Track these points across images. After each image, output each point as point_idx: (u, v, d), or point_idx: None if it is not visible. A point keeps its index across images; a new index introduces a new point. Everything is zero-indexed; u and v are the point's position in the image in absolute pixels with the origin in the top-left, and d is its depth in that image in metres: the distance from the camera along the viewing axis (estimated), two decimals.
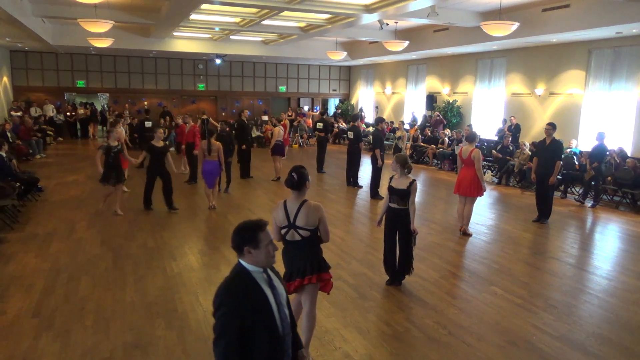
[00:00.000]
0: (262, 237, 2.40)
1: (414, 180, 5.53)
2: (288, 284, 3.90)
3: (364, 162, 12.87)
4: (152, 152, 9.02)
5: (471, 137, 8.01)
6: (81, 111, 21.38)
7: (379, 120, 11.28)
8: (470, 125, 12.12)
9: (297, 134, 20.80)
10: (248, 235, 2.39)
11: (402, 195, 5.51)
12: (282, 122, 14.83)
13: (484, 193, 8.08)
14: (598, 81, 13.30)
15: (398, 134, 12.99)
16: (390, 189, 5.60)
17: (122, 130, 13.23)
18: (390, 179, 5.69)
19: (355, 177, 12.04)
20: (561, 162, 8.94)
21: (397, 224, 5.64)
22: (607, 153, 11.60)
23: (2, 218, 7.89)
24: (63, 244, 7.18)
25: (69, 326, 4.66)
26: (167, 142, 18.18)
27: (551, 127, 8.68)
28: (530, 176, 9.66)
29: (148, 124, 14.48)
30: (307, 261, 3.91)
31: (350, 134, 11.99)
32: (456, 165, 14.83)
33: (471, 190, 7.87)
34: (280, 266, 4.16)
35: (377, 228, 5.92)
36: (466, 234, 8.02)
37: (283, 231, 3.90)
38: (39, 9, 12.96)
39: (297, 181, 3.86)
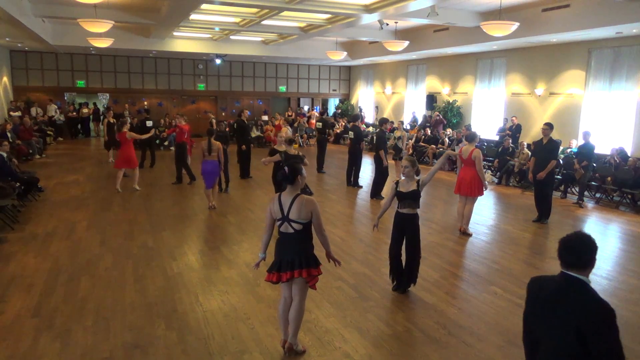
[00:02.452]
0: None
1: (419, 180, 5.43)
2: (276, 273, 4.05)
3: (365, 162, 12.88)
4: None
5: (471, 137, 8.01)
6: (85, 110, 21.64)
7: (383, 121, 11.06)
8: (469, 126, 12.11)
9: (297, 134, 20.80)
10: (595, 249, 2.42)
11: (415, 197, 5.33)
12: (276, 123, 14.82)
13: (485, 192, 8.08)
14: (598, 81, 13.30)
15: (397, 134, 12.96)
16: (400, 195, 5.36)
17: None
18: (396, 184, 5.45)
19: (356, 177, 12.03)
20: (556, 161, 8.88)
21: (406, 228, 5.44)
22: (609, 154, 11.64)
23: (2, 218, 7.89)
24: (63, 244, 7.18)
25: (69, 326, 4.66)
26: (165, 143, 18.19)
27: (548, 127, 8.66)
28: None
29: (149, 123, 14.49)
30: (297, 255, 4.00)
31: (351, 134, 12.00)
32: (456, 165, 14.93)
33: (471, 190, 7.88)
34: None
35: (377, 228, 5.77)
36: (466, 234, 8.02)
37: (278, 223, 4.06)
38: (38, 9, 12.96)
39: (289, 174, 3.99)
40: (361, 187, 11.87)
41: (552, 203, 9.01)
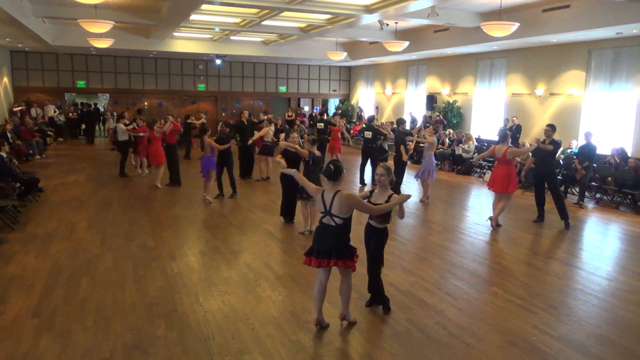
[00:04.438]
0: None
1: (392, 194, 4.75)
2: (314, 259, 4.44)
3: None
4: (287, 159, 7.91)
5: (503, 137, 8.51)
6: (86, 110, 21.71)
7: (400, 122, 11.24)
8: (437, 127, 12.26)
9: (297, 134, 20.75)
10: None
11: (384, 215, 4.83)
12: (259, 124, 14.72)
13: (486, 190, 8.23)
14: (598, 81, 13.30)
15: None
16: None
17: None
18: (370, 193, 4.90)
19: (362, 175, 12.18)
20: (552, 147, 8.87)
21: (371, 239, 5.02)
22: (610, 154, 11.63)
23: (3, 218, 7.89)
24: (63, 244, 7.18)
25: (69, 326, 4.66)
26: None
27: (550, 128, 8.69)
28: (531, 176, 9.61)
29: None
30: (335, 247, 4.39)
31: (369, 134, 12.02)
32: (456, 165, 14.97)
33: (505, 187, 8.26)
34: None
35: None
36: (498, 225, 8.52)
37: (321, 216, 4.48)
38: (39, 10, 12.96)
39: (334, 172, 4.41)
40: (366, 184, 12.05)
41: (565, 204, 8.88)
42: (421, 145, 11.63)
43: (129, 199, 10.25)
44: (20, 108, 17.96)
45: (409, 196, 4.76)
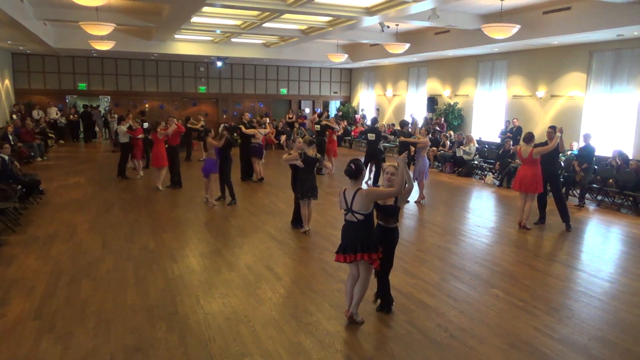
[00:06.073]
0: None
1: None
2: (341, 255, 4.65)
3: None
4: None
5: (529, 138, 8.56)
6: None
7: (404, 124, 11.65)
8: (412, 122, 12.70)
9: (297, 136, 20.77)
10: None
11: (389, 213, 4.84)
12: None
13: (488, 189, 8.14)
14: (599, 84, 13.29)
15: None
16: (377, 206, 4.82)
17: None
18: None
19: (377, 176, 12.19)
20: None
21: (382, 241, 4.84)
22: (611, 156, 11.61)
23: (4, 220, 7.89)
24: (64, 246, 7.19)
25: (70, 329, 4.66)
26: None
27: (552, 130, 8.69)
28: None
29: (145, 125, 14.50)
30: (359, 241, 4.55)
31: (372, 136, 12.04)
32: (458, 167, 14.96)
33: (531, 187, 8.35)
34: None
35: None
36: (525, 228, 8.50)
37: (344, 213, 4.69)
38: (40, 12, 12.99)
39: (355, 171, 4.59)
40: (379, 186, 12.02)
41: (566, 205, 8.88)
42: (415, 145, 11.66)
43: (130, 201, 10.25)
44: (15, 115, 18.03)
45: (406, 154, 5.00)
